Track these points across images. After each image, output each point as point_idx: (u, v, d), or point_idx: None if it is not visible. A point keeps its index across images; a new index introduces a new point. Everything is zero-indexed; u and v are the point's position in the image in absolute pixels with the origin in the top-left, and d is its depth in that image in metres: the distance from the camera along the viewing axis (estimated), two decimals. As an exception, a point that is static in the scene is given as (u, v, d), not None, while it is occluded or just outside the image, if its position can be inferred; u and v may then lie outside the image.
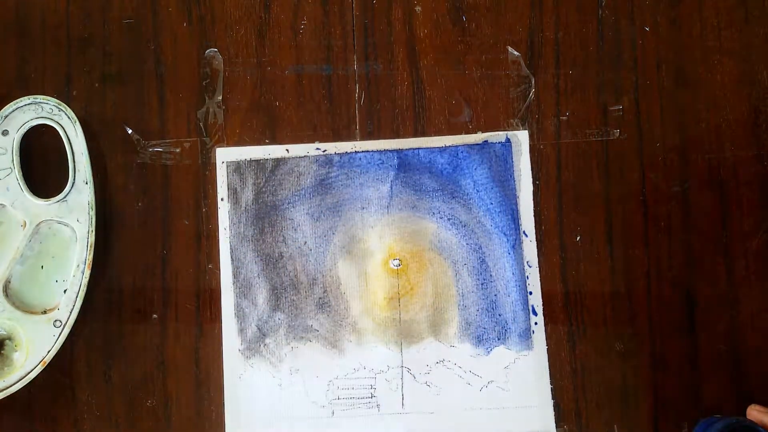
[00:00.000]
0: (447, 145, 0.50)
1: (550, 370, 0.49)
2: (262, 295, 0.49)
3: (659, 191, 0.50)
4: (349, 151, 0.51)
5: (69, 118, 0.49)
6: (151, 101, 0.51)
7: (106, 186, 0.50)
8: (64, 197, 0.49)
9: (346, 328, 0.49)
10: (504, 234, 0.50)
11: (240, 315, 0.49)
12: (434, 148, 0.50)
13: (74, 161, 0.49)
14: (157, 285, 0.50)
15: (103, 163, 0.51)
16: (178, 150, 0.51)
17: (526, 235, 0.50)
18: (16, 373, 0.47)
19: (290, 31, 0.51)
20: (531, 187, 0.50)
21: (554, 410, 0.48)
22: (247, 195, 0.50)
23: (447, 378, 0.49)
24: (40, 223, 0.49)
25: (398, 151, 0.50)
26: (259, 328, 0.49)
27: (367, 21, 0.51)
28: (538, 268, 0.49)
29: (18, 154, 0.49)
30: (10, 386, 0.47)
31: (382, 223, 0.50)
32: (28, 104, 0.49)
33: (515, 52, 0.51)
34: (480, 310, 0.49)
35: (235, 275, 0.50)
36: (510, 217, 0.50)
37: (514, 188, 0.50)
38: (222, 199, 0.50)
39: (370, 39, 0.51)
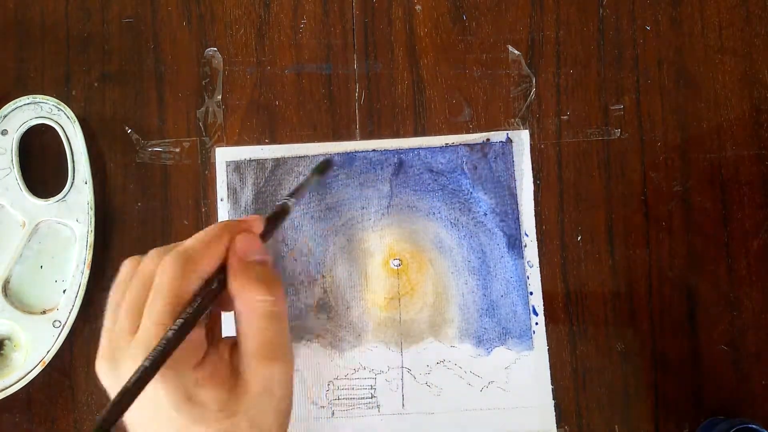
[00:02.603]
0: (447, 144, 0.50)
1: (550, 370, 0.49)
2: (261, 295, 0.49)
3: (660, 191, 0.50)
4: (349, 151, 0.50)
5: (68, 117, 0.49)
6: (150, 101, 0.51)
7: (106, 186, 0.50)
8: (64, 197, 0.49)
9: (346, 328, 0.49)
10: (504, 234, 0.49)
11: (240, 315, 0.49)
12: (434, 147, 0.50)
13: (73, 161, 0.49)
14: (157, 285, 0.49)
15: (103, 163, 0.50)
16: (177, 150, 0.51)
17: (527, 235, 0.49)
18: (16, 374, 0.47)
19: (290, 30, 0.51)
20: (532, 187, 0.50)
21: (555, 410, 0.48)
22: (247, 195, 0.50)
23: (447, 378, 0.49)
24: (39, 223, 0.49)
25: (398, 150, 0.50)
26: (258, 329, 0.49)
27: (367, 20, 0.51)
28: (538, 268, 0.49)
29: (17, 153, 0.49)
30: (10, 386, 0.47)
31: (382, 223, 0.50)
32: (27, 104, 0.49)
33: (516, 51, 0.51)
34: (480, 310, 0.49)
35: (235, 275, 0.49)
36: (510, 216, 0.49)
37: (515, 188, 0.50)
38: (221, 199, 0.50)
39: (370, 38, 0.51)
